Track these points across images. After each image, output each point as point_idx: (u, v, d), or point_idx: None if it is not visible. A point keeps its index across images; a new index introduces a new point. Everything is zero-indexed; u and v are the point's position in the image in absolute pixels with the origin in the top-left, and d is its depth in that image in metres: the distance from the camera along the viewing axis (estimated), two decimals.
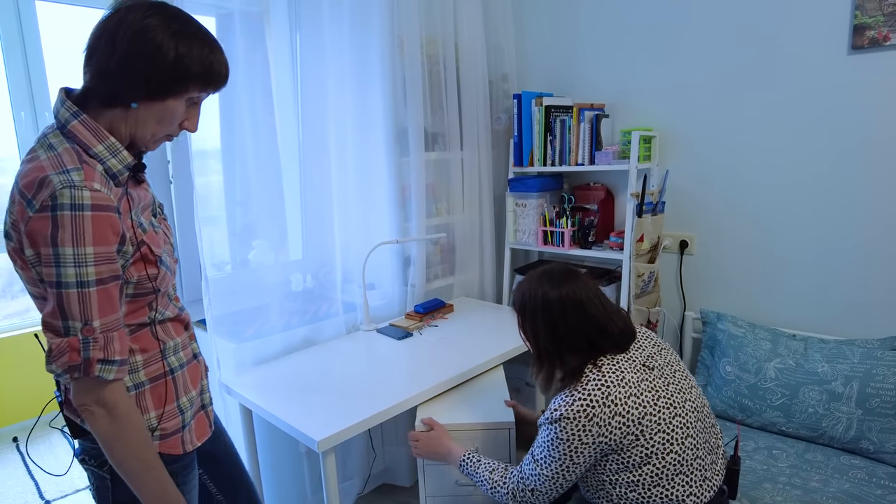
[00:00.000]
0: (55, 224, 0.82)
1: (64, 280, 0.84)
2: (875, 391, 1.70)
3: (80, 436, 1.02)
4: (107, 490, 1.02)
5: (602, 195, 2.44)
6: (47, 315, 0.86)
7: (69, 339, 0.85)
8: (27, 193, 0.84)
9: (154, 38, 0.87)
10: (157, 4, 0.91)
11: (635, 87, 2.38)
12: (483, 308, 2.39)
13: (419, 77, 2.21)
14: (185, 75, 0.91)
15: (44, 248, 0.83)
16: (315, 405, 1.52)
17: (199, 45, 0.92)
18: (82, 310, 0.85)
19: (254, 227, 1.88)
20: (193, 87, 0.94)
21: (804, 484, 1.60)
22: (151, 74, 0.89)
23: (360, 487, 2.24)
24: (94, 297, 0.86)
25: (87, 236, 0.84)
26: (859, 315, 1.96)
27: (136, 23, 0.87)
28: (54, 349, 0.86)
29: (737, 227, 2.19)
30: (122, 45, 0.86)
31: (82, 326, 0.85)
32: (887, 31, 1.78)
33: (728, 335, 2.03)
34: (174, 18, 0.90)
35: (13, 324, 3.23)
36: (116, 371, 0.90)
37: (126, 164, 0.95)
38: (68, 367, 0.86)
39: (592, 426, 1.16)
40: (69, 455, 2.82)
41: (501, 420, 1.58)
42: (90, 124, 0.90)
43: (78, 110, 0.90)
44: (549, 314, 1.25)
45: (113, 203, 0.88)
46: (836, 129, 1.93)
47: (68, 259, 0.83)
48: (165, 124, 0.96)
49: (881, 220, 1.88)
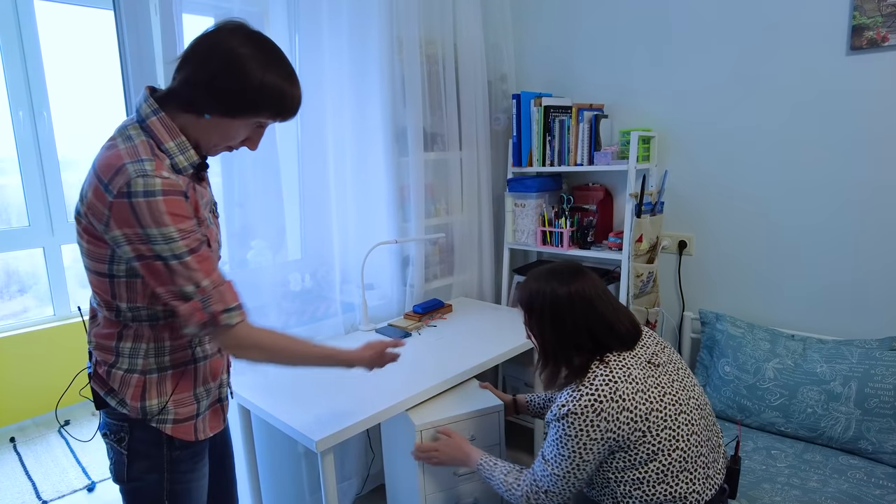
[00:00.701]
0: (133, 209, 0.91)
1: (160, 254, 0.94)
2: (873, 391, 1.70)
3: (102, 406, 1.08)
4: (123, 465, 1.08)
5: (601, 195, 2.44)
6: (160, 284, 0.97)
7: (192, 304, 0.97)
8: (103, 178, 0.93)
9: (243, 66, 0.96)
10: (254, 34, 1.00)
11: (634, 87, 2.38)
12: (482, 308, 2.39)
13: (418, 77, 2.21)
14: (260, 104, 1.01)
15: (129, 228, 0.92)
16: (313, 405, 1.51)
17: (281, 80, 1.01)
18: (188, 276, 0.96)
19: (252, 227, 1.87)
20: (264, 115, 1.03)
21: (803, 484, 1.60)
22: (231, 97, 0.98)
23: (359, 488, 2.24)
24: (192, 263, 0.97)
25: (164, 217, 0.93)
26: (858, 315, 1.96)
27: (232, 48, 0.96)
28: (185, 315, 0.98)
29: (735, 228, 2.19)
30: (213, 63, 0.96)
31: (195, 289, 0.97)
32: (886, 31, 1.78)
33: (727, 335, 2.03)
34: (265, 51, 1.00)
35: (10, 324, 3.22)
36: (237, 315, 1.03)
37: (192, 162, 1.03)
38: (201, 324, 0.99)
39: (601, 421, 1.15)
40: (67, 455, 2.81)
41: (490, 405, 1.63)
42: (166, 122, 1.00)
43: (158, 108, 1.00)
44: (558, 311, 1.25)
45: (181, 187, 0.97)
46: (835, 129, 1.93)
47: (157, 238, 0.93)
48: (228, 139, 1.05)
49: (880, 221, 1.88)
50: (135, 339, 1.05)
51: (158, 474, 1.09)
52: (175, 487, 1.11)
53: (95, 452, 2.83)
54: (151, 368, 1.07)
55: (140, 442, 1.08)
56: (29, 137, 3.21)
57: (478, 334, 2.05)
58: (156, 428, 1.07)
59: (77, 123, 3.42)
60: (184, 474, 1.12)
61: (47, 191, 3.30)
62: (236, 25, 1.00)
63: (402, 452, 1.69)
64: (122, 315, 1.04)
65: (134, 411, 1.06)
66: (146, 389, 1.06)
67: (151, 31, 1.62)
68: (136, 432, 1.08)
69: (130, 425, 1.07)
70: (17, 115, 3.17)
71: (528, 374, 2.38)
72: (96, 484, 2.55)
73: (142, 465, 1.08)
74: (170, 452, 1.10)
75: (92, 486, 2.53)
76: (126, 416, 1.07)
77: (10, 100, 3.14)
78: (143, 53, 1.61)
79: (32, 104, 3.21)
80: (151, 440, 1.08)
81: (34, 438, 3.01)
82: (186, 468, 1.12)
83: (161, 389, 1.08)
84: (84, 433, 3.05)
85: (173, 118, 1.01)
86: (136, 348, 1.05)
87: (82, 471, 2.67)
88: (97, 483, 2.56)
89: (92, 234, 0.98)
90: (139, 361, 1.06)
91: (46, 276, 3.38)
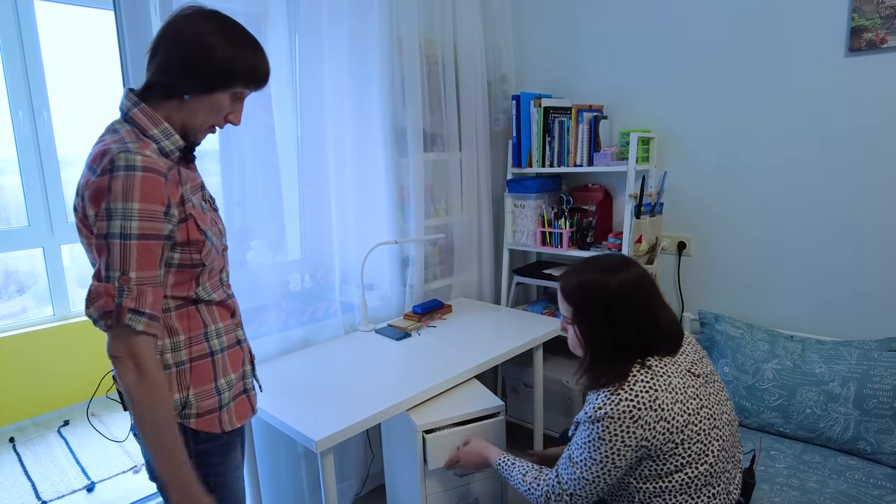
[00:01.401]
0: (110, 183, 0.93)
1: (110, 231, 0.93)
2: (872, 392, 1.70)
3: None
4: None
5: (600, 196, 2.44)
6: (95, 267, 0.95)
7: (106, 286, 0.93)
8: (93, 165, 0.96)
9: (208, 41, 1.02)
10: (212, 13, 1.05)
11: (634, 88, 2.38)
12: (481, 309, 2.39)
13: (418, 78, 2.21)
14: (232, 73, 1.05)
15: (98, 205, 0.93)
16: (313, 406, 1.51)
17: (246, 49, 1.07)
18: (122, 260, 0.93)
19: (252, 227, 1.87)
20: (239, 83, 1.07)
21: (802, 485, 1.60)
22: (204, 71, 1.03)
23: (358, 488, 2.24)
24: (133, 249, 0.94)
25: (135, 193, 0.93)
26: (857, 316, 1.96)
27: (193, 27, 1.02)
28: (92, 292, 0.94)
29: (734, 229, 2.19)
30: (180, 46, 1.02)
31: (120, 276, 0.93)
32: (884, 33, 1.79)
33: (726, 336, 2.03)
34: (226, 25, 1.05)
35: (8, 324, 3.22)
36: (146, 323, 0.96)
37: (178, 146, 1.07)
38: (103, 311, 0.94)
39: (637, 428, 1.12)
40: (66, 456, 2.81)
41: (490, 406, 1.64)
42: (148, 112, 1.04)
43: (138, 101, 1.04)
44: (610, 304, 1.19)
45: (161, 168, 0.98)
46: (834, 130, 1.93)
47: (117, 212, 0.92)
48: (213, 115, 1.09)
49: (878, 222, 1.89)
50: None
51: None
52: (209, 481, 1.11)
53: (94, 453, 2.83)
54: (169, 364, 1.06)
55: None
56: (29, 137, 3.21)
57: (477, 335, 2.05)
58: (180, 423, 1.07)
59: (77, 124, 3.42)
60: (216, 467, 1.13)
61: (47, 191, 3.30)
62: (194, 9, 1.05)
63: (402, 452, 1.69)
64: None
65: None
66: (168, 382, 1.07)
67: (152, 31, 1.62)
68: None
69: None
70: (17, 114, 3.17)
71: (528, 375, 2.38)
72: (96, 484, 2.55)
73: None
74: (196, 446, 1.10)
75: (91, 487, 2.53)
76: None
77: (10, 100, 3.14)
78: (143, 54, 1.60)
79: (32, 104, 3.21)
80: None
81: (33, 439, 3.01)
82: (217, 461, 1.12)
83: (181, 384, 1.07)
84: (84, 434, 3.05)
85: (155, 108, 1.05)
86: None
87: (82, 471, 2.67)
88: (97, 483, 2.55)
89: (88, 227, 0.99)
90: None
91: (46, 276, 3.38)
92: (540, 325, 2.12)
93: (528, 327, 2.10)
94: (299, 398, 1.56)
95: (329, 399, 1.55)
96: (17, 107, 3.17)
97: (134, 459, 2.72)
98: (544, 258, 2.78)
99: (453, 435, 1.56)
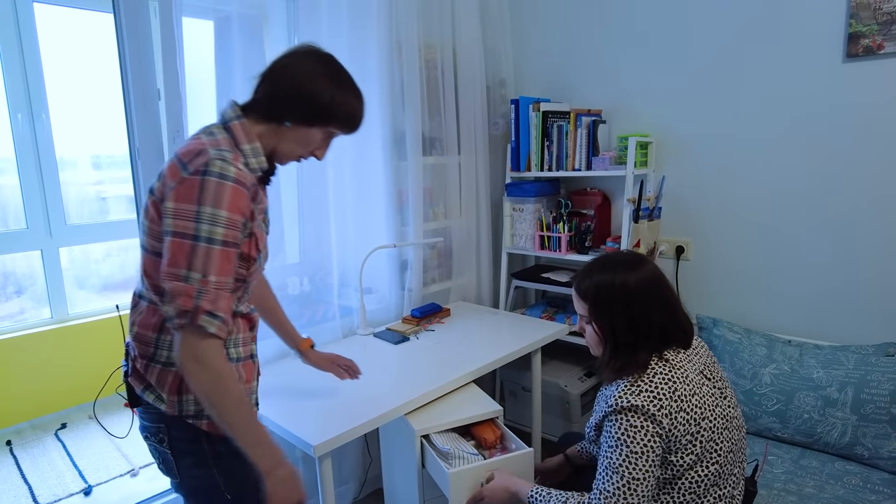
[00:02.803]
0: (202, 186, 0.97)
1: (197, 234, 0.97)
2: (869, 397, 1.70)
3: (137, 404, 1.10)
4: (171, 463, 1.11)
5: (599, 200, 2.45)
6: (170, 264, 0.97)
7: (186, 286, 0.97)
8: (184, 159, 1.00)
9: (319, 81, 1.10)
10: (327, 56, 1.15)
11: (632, 93, 2.39)
12: (480, 312, 2.39)
13: (417, 81, 2.21)
14: (333, 115, 1.13)
15: (186, 203, 0.97)
16: (311, 410, 1.51)
17: (350, 96, 1.15)
18: (204, 263, 0.97)
19: None
20: (335, 125, 1.15)
21: (799, 490, 1.60)
22: (309, 106, 1.11)
23: (356, 492, 2.23)
24: (216, 255, 0.98)
25: (224, 201, 0.98)
26: (854, 321, 1.97)
27: (308, 66, 1.11)
28: (172, 290, 0.97)
29: (732, 233, 2.20)
30: (292, 79, 1.10)
31: (200, 277, 0.97)
32: (881, 39, 1.79)
33: (724, 341, 2.03)
34: (336, 70, 1.14)
35: (6, 327, 3.21)
36: (218, 326, 0.99)
37: (261, 166, 1.12)
38: (181, 310, 0.97)
39: (662, 417, 1.13)
40: (63, 459, 2.80)
41: (487, 410, 1.62)
42: (246, 127, 1.10)
43: (241, 115, 1.10)
44: (628, 300, 1.21)
45: (248, 182, 1.04)
46: (831, 136, 1.94)
47: (205, 216, 0.97)
48: (303, 146, 1.16)
49: (875, 228, 1.89)
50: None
51: (206, 469, 1.11)
52: (230, 480, 1.12)
53: (92, 456, 2.82)
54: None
55: (179, 440, 1.10)
56: (27, 140, 3.21)
57: (476, 338, 2.05)
58: (192, 424, 1.08)
59: (76, 126, 3.42)
60: (231, 465, 1.13)
61: (45, 193, 3.29)
62: (311, 49, 1.14)
63: (401, 456, 1.69)
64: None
65: (171, 406, 1.07)
66: (184, 383, 1.07)
67: (151, 34, 1.62)
68: (173, 431, 1.09)
69: (167, 425, 1.09)
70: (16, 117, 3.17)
71: (526, 379, 2.38)
72: (93, 487, 2.54)
73: (188, 462, 1.10)
74: (211, 447, 1.11)
75: (89, 490, 2.52)
76: (162, 416, 1.08)
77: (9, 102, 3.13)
78: (142, 56, 1.61)
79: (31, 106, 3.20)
80: (189, 437, 1.10)
81: (31, 441, 3.00)
82: (233, 461, 1.12)
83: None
84: (81, 436, 3.04)
85: (253, 125, 1.11)
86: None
87: (79, 474, 2.66)
88: (94, 487, 2.54)
89: (158, 211, 1.02)
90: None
91: (44, 278, 3.37)
92: (538, 329, 2.12)
93: (527, 331, 2.10)
94: (297, 402, 1.56)
95: (327, 403, 1.55)
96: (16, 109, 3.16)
97: (131, 462, 2.71)
98: (543, 262, 2.79)
99: (477, 470, 1.45)
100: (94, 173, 3.62)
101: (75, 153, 3.47)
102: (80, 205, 3.53)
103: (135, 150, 1.65)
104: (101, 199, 3.66)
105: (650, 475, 1.13)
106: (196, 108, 1.71)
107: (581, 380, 2.38)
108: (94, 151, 3.60)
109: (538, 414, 2.17)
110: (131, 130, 1.65)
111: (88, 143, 3.54)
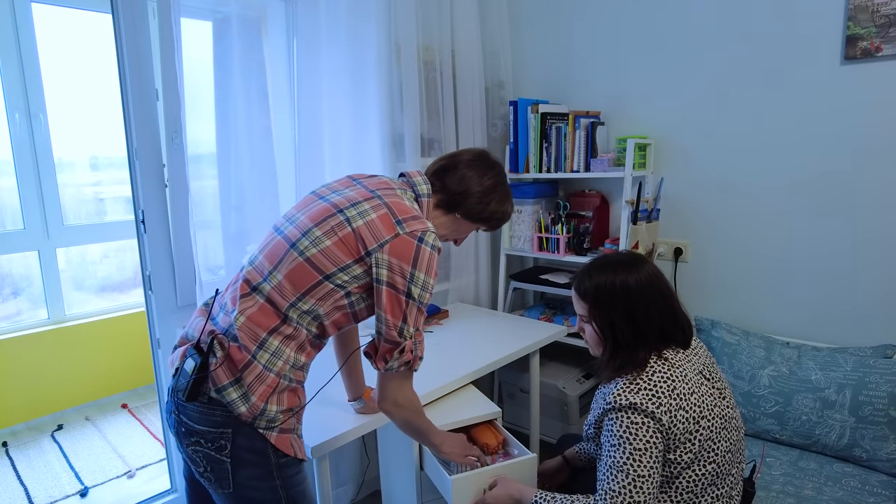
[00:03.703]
0: (418, 252, 1.13)
1: (413, 295, 1.13)
2: (868, 399, 1.71)
3: (194, 399, 1.06)
4: (226, 472, 1.07)
5: (597, 202, 2.45)
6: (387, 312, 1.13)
7: (407, 342, 1.15)
8: (398, 215, 1.15)
9: (487, 193, 1.30)
10: (498, 168, 1.33)
11: (631, 95, 2.39)
12: (478, 314, 2.39)
13: (415, 83, 2.21)
14: (489, 219, 1.34)
15: (402, 262, 1.12)
16: (308, 411, 1.50)
17: (507, 206, 1.35)
18: (416, 320, 1.16)
19: (248, 231, 1.87)
20: (486, 225, 1.36)
21: (797, 492, 1.60)
22: (476, 211, 1.30)
23: (354, 493, 2.23)
24: (423, 313, 1.17)
25: (432, 270, 1.16)
26: (852, 323, 1.97)
27: (483, 179, 1.29)
28: (404, 348, 1.15)
29: (731, 235, 2.20)
30: (470, 185, 1.28)
31: (414, 332, 1.16)
32: (880, 41, 1.80)
33: (722, 343, 2.03)
34: (501, 183, 1.33)
35: (2, 328, 3.20)
36: (419, 365, 1.21)
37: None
38: (405, 362, 1.16)
39: (661, 414, 1.13)
40: (60, 460, 2.79)
41: (485, 412, 1.62)
42: (429, 206, 1.28)
43: (430, 193, 1.28)
44: (629, 300, 1.22)
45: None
46: (830, 138, 1.94)
47: (419, 282, 1.13)
48: (455, 233, 1.36)
49: (874, 229, 1.90)
50: (284, 340, 1.11)
51: (269, 482, 1.09)
52: (291, 493, 1.13)
53: (88, 458, 2.81)
54: (285, 374, 1.11)
55: (243, 450, 1.07)
56: (25, 140, 3.20)
57: (474, 340, 2.04)
58: (262, 434, 1.07)
59: (74, 127, 3.41)
60: (292, 477, 1.13)
61: (43, 194, 3.28)
62: (487, 157, 1.33)
63: (398, 458, 1.69)
64: (292, 311, 1.11)
65: (252, 410, 1.05)
66: (274, 392, 1.09)
67: (149, 34, 1.62)
68: (238, 438, 1.06)
69: (234, 431, 1.06)
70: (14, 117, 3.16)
71: (524, 381, 2.38)
72: (89, 489, 2.53)
73: (249, 473, 1.08)
74: (277, 460, 1.10)
75: (85, 492, 2.51)
76: (230, 420, 1.05)
77: (7, 102, 3.13)
78: (140, 57, 1.61)
79: (29, 107, 3.20)
80: (255, 448, 1.07)
81: (27, 443, 2.99)
82: (293, 472, 1.13)
83: (279, 398, 1.10)
84: (78, 437, 3.03)
85: (433, 206, 1.29)
86: (280, 350, 1.10)
87: (75, 476, 2.65)
88: (90, 488, 2.54)
89: (347, 239, 1.12)
90: (278, 363, 1.10)
91: (41, 279, 3.36)
92: (537, 331, 2.12)
93: (525, 333, 2.10)
94: None
95: (325, 405, 1.54)
96: (14, 109, 3.16)
97: (128, 464, 2.70)
98: (541, 263, 2.78)
99: (480, 476, 1.43)
100: (92, 174, 3.62)
101: (73, 154, 3.46)
102: (77, 205, 3.52)
103: (133, 151, 1.65)
104: (98, 199, 3.66)
105: (654, 472, 1.13)
106: (194, 109, 1.71)
107: (579, 381, 2.37)
108: (91, 152, 3.59)
109: (536, 416, 2.17)
110: (129, 131, 1.64)
111: (86, 143, 3.53)
